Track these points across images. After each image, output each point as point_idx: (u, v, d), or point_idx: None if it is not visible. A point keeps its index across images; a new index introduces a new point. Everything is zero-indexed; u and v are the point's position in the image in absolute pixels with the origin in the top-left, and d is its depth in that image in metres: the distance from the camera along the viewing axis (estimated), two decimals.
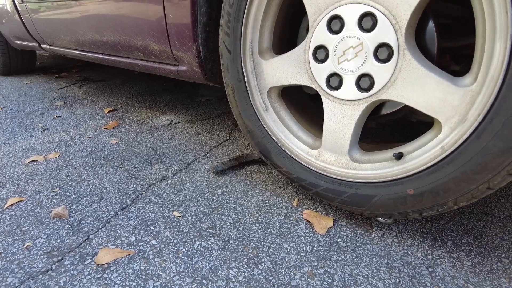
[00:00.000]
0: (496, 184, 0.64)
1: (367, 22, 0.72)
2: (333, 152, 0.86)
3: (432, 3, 0.78)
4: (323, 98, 0.84)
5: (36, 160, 1.30)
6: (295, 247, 0.82)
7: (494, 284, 0.71)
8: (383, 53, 0.71)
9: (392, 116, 0.91)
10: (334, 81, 0.80)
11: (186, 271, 0.75)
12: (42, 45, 2.28)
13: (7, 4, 2.29)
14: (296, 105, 1.01)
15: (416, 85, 0.69)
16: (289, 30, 0.99)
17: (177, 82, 2.68)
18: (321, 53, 0.81)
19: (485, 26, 0.61)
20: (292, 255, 0.79)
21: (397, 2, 0.67)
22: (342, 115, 0.82)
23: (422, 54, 0.71)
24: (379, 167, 0.80)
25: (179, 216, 0.94)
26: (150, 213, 0.95)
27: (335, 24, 0.77)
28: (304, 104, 1.06)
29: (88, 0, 1.46)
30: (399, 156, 0.77)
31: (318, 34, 0.80)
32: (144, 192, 1.06)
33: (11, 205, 1.00)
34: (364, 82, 0.76)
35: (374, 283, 0.72)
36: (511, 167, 0.61)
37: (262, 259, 0.78)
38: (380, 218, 0.89)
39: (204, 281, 0.72)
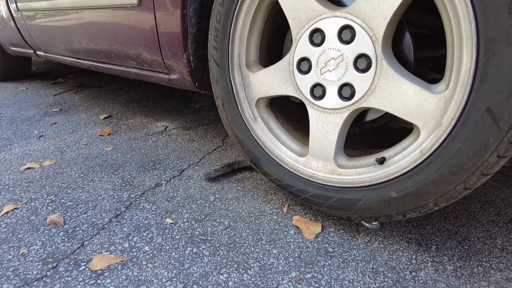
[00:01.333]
0: (472, 184, 0.68)
1: (346, 34, 0.75)
2: (319, 158, 0.89)
3: (408, 15, 0.82)
4: (308, 107, 0.87)
5: (32, 167, 1.32)
6: (284, 252, 0.85)
7: (474, 287, 0.74)
8: (362, 63, 0.75)
9: (374, 123, 0.94)
10: (318, 91, 0.84)
11: (178, 276, 0.77)
12: (37, 52, 2.30)
13: (3, 11, 2.31)
14: (283, 114, 1.04)
15: (394, 92, 0.73)
16: (274, 42, 1.02)
17: (172, 88, 2.70)
18: (304, 65, 0.84)
19: (453, 36, 0.65)
20: (281, 261, 0.82)
21: (372, 15, 0.70)
22: (327, 123, 0.85)
23: (399, 63, 0.75)
24: (363, 172, 0.83)
25: (172, 223, 0.96)
26: (143, 220, 0.97)
27: (317, 37, 0.80)
28: (292, 113, 1.09)
29: (82, 9, 1.48)
30: (381, 161, 0.80)
31: (301, 47, 0.83)
32: (138, 199, 1.08)
33: (7, 212, 1.02)
34: (346, 91, 0.79)
35: (359, 287, 0.74)
36: (484, 167, 0.65)
37: (252, 265, 0.81)
38: (366, 224, 0.91)
39: (195, 286, 0.74)
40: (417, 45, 0.81)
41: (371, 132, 1.65)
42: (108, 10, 1.33)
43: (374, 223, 0.90)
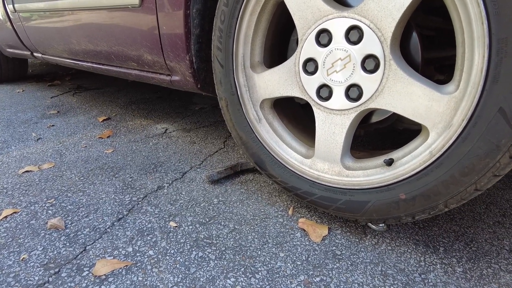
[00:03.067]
0: (483, 185, 0.67)
1: (353, 35, 0.75)
2: (326, 160, 0.88)
3: (415, 16, 0.81)
4: (314, 108, 0.86)
5: (30, 171, 1.30)
6: (291, 256, 0.83)
7: None
8: (370, 64, 0.74)
9: (380, 125, 0.93)
10: (324, 92, 0.83)
11: (184, 281, 0.76)
12: (35, 54, 2.27)
13: None
14: (288, 115, 1.03)
15: (402, 93, 0.72)
16: (279, 43, 1.01)
17: (171, 90, 2.68)
18: (310, 66, 0.83)
19: (464, 37, 0.64)
20: (289, 264, 0.81)
21: (381, 15, 0.70)
22: (333, 124, 0.84)
23: (407, 64, 0.74)
24: (371, 174, 0.82)
25: (176, 226, 0.94)
26: (146, 224, 0.96)
27: (323, 37, 0.79)
28: (296, 114, 1.08)
29: (81, 10, 1.47)
30: (389, 162, 0.79)
31: (307, 47, 0.83)
32: (140, 202, 1.07)
33: (6, 216, 1.00)
34: (353, 92, 0.78)
35: None
36: (496, 168, 0.64)
37: (259, 268, 0.79)
38: (373, 226, 0.90)
39: None
40: (424, 46, 0.81)
41: (375, 134, 1.65)
42: (108, 11, 1.32)
43: (381, 225, 0.89)
